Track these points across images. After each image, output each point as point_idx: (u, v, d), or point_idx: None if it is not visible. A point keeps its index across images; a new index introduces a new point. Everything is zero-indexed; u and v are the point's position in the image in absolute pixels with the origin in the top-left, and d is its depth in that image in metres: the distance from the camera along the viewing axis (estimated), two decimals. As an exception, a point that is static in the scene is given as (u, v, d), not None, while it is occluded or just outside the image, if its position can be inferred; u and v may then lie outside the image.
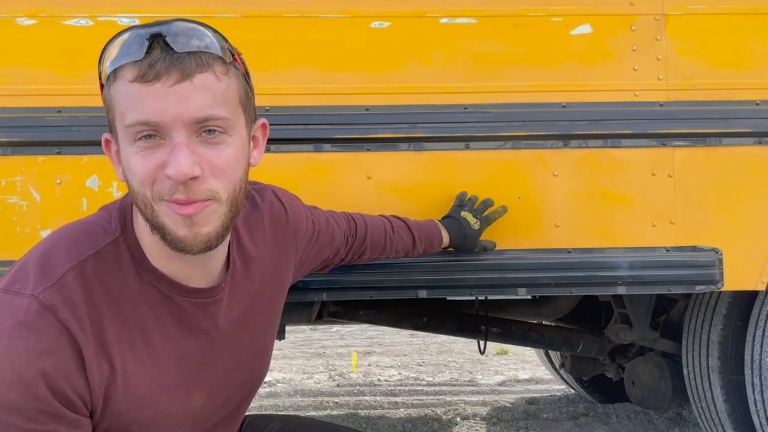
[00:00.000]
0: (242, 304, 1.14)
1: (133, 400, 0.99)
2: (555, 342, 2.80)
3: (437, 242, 1.69)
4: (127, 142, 0.93)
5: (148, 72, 0.90)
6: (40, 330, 0.91)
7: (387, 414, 3.45)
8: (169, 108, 0.90)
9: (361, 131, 1.76)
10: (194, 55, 0.92)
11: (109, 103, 0.95)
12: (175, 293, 1.04)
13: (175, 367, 1.05)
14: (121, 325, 0.99)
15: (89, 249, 0.99)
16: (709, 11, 1.83)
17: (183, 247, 0.96)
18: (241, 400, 1.22)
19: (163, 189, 0.93)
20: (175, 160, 0.91)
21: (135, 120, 0.91)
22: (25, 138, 1.68)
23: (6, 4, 1.70)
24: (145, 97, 0.90)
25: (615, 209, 1.81)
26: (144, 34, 0.92)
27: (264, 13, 1.75)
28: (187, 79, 0.91)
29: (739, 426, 2.18)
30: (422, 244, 1.65)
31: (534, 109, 1.78)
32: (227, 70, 0.96)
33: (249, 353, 1.18)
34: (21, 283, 0.94)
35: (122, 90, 0.92)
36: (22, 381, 0.88)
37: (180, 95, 0.91)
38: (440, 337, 6.09)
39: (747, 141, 1.82)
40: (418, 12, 1.78)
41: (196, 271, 1.06)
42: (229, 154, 0.96)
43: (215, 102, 0.94)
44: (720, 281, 1.81)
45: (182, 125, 0.91)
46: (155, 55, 0.91)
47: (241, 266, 1.15)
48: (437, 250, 1.71)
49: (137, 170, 0.93)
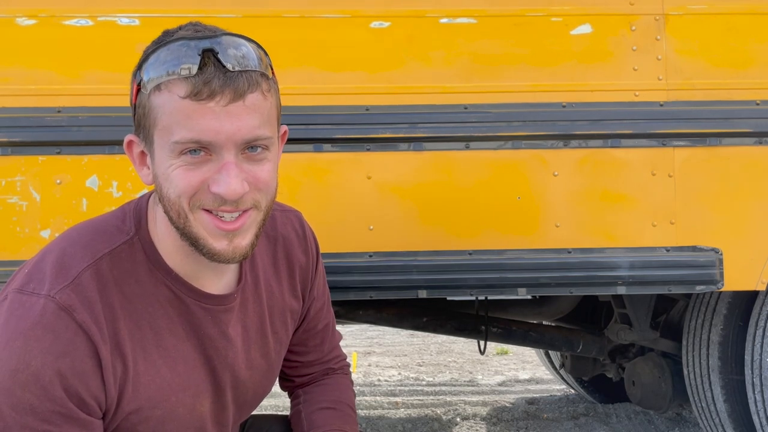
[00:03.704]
0: (251, 318, 1.13)
1: (143, 399, 0.99)
2: (555, 342, 2.80)
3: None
4: (170, 154, 0.93)
5: (203, 90, 0.90)
6: (57, 331, 0.91)
7: (387, 414, 3.45)
8: (222, 128, 0.91)
9: (361, 131, 1.76)
10: (245, 74, 0.93)
11: (147, 110, 0.94)
12: (187, 295, 1.04)
13: (185, 368, 1.05)
14: (133, 325, 0.99)
15: (104, 248, 0.99)
16: (709, 11, 1.83)
17: (221, 259, 0.98)
18: (248, 408, 1.21)
19: (206, 200, 0.94)
20: (226, 180, 0.92)
21: (186, 138, 0.91)
22: (25, 138, 1.68)
23: (6, 4, 1.70)
24: (198, 115, 0.91)
25: (615, 209, 1.81)
26: (194, 47, 0.91)
27: (264, 13, 1.75)
28: (239, 99, 0.92)
29: (739, 426, 2.18)
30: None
31: (534, 109, 1.78)
32: (270, 87, 0.98)
33: (256, 371, 1.16)
34: (36, 283, 0.94)
35: (171, 104, 0.92)
36: (39, 382, 0.88)
37: (233, 115, 0.91)
38: (440, 337, 6.09)
39: (747, 141, 1.82)
40: (418, 12, 1.78)
41: (212, 276, 1.05)
42: (270, 168, 0.99)
43: (263, 122, 0.95)
44: (720, 281, 1.81)
45: (233, 145, 0.93)
46: (209, 72, 0.90)
47: (252, 281, 1.14)
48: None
49: (180, 183, 0.93)
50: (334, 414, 1.26)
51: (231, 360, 1.10)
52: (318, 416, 1.25)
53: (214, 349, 1.08)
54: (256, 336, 1.15)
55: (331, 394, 1.30)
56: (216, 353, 1.08)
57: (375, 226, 1.78)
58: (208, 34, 0.94)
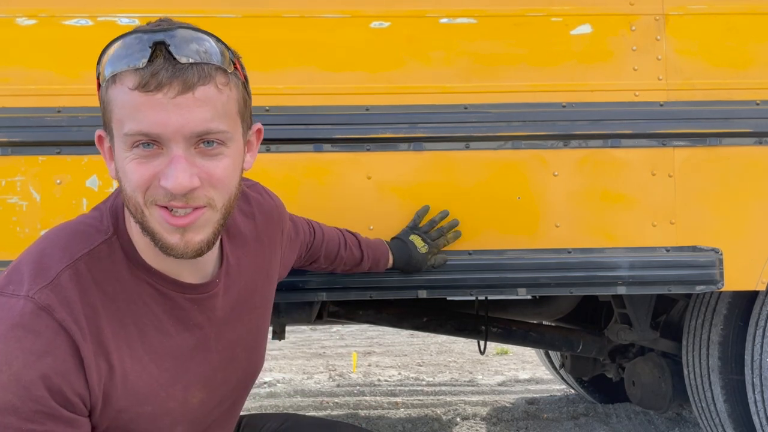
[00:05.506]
0: (236, 299, 1.15)
1: (132, 397, 1.00)
2: (555, 342, 2.80)
3: (383, 262, 1.70)
4: (123, 147, 0.93)
5: (150, 81, 0.89)
6: (37, 331, 0.90)
7: (387, 414, 3.45)
8: (170, 120, 0.90)
9: (361, 131, 1.76)
10: (197, 66, 0.91)
11: (105, 104, 0.95)
12: (170, 289, 1.04)
13: (173, 363, 1.05)
14: (117, 323, 0.99)
15: (83, 248, 0.99)
16: (709, 11, 1.83)
17: (174, 253, 0.97)
18: (237, 397, 1.23)
19: (158, 195, 0.94)
20: (174, 173, 0.91)
21: (134, 130, 0.91)
22: (25, 138, 1.68)
23: (6, 4, 1.70)
24: (146, 107, 0.90)
25: (615, 209, 1.81)
26: (147, 41, 0.91)
27: (264, 13, 1.75)
28: (188, 92, 0.91)
29: (739, 426, 2.18)
30: (368, 263, 1.66)
31: (534, 109, 1.78)
32: (228, 81, 0.96)
33: (244, 349, 1.19)
34: (15, 285, 0.94)
35: (122, 96, 0.92)
36: (20, 383, 0.88)
37: (181, 108, 0.90)
38: (440, 337, 6.09)
39: (747, 141, 1.81)
40: (418, 12, 1.78)
41: (190, 269, 1.06)
42: (227, 165, 0.97)
43: (216, 115, 0.94)
44: (720, 281, 1.81)
45: (182, 138, 0.92)
46: (157, 64, 0.90)
47: (235, 262, 1.16)
48: (382, 269, 1.72)
49: (132, 176, 0.93)
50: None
51: (222, 343, 1.12)
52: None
53: (203, 336, 1.09)
54: (244, 314, 1.17)
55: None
56: (205, 339, 1.09)
57: (375, 226, 1.78)
58: (165, 27, 0.93)
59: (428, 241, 1.73)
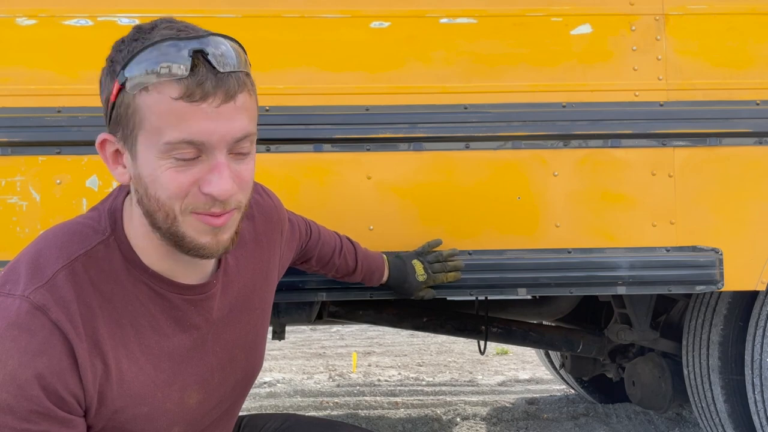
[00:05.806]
0: (234, 300, 1.15)
1: (128, 397, 1.00)
2: (555, 342, 2.80)
3: (377, 277, 1.70)
4: (158, 155, 0.93)
5: (196, 92, 0.90)
6: (32, 330, 0.91)
7: (387, 414, 3.45)
8: (217, 129, 0.92)
9: (361, 131, 1.76)
10: (234, 75, 0.94)
11: (131, 110, 0.93)
12: (167, 290, 1.04)
13: (169, 363, 1.05)
14: (113, 324, 0.99)
15: (79, 248, 0.99)
16: (709, 11, 1.83)
17: (204, 253, 0.99)
18: (236, 398, 1.23)
19: (198, 203, 0.95)
20: (219, 181, 0.93)
21: (179, 138, 0.91)
22: (25, 138, 1.68)
23: (6, 4, 1.70)
24: (190, 116, 0.91)
25: (615, 209, 1.81)
26: (185, 49, 0.91)
27: (264, 13, 1.75)
28: (231, 100, 0.93)
29: (739, 426, 2.18)
30: (361, 274, 1.66)
31: (534, 109, 1.78)
32: (253, 84, 0.99)
33: (242, 350, 1.19)
34: (11, 285, 0.94)
35: (160, 105, 0.91)
36: (15, 382, 0.88)
37: (225, 116, 0.92)
38: (440, 337, 6.09)
39: (747, 141, 1.82)
40: (418, 12, 1.78)
41: (190, 270, 1.06)
42: (252, 167, 1.01)
43: (251, 119, 0.97)
44: (720, 281, 1.81)
45: (225, 145, 0.94)
46: (201, 74, 0.91)
47: (233, 263, 1.16)
48: (375, 284, 1.71)
49: (170, 184, 0.93)
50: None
51: (220, 344, 1.12)
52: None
53: (200, 337, 1.09)
54: (242, 315, 1.17)
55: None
56: (202, 340, 1.09)
57: (375, 226, 1.78)
58: (193, 34, 0.94)
59: (429, 272, 1.73)
